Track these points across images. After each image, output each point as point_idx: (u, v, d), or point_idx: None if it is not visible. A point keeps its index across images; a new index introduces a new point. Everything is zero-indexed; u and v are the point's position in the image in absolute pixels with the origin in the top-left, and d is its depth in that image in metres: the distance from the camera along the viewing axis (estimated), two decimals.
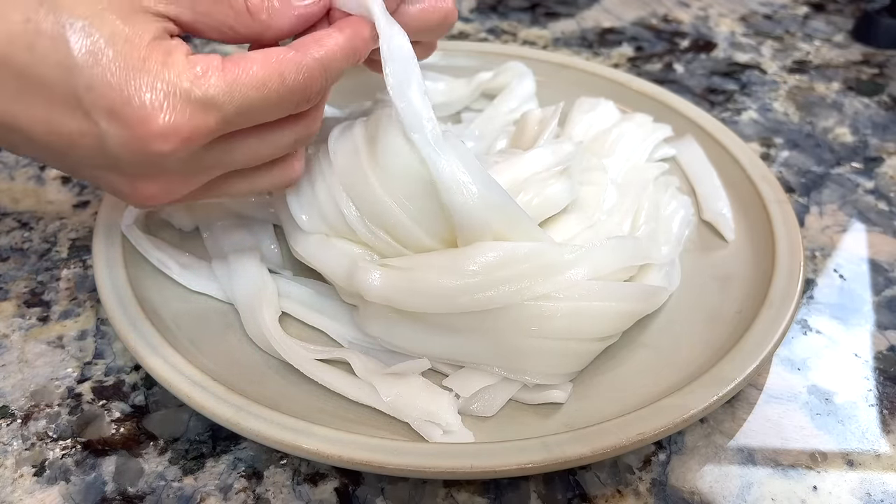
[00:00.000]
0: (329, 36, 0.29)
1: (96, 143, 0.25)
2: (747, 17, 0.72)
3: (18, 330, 0.38)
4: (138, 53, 0.24)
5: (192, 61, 0.25)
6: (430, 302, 0.31)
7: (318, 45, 0.28)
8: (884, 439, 0.33)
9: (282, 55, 0.27)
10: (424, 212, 0.32)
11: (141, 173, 0.27)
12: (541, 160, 0.36)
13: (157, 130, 0.24)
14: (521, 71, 0.51)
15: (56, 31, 0.23)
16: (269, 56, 0.26)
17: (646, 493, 0.31)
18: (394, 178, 0.31)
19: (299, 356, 0.33)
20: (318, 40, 0.28)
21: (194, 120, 0.25)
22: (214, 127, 0.26)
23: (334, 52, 0.28)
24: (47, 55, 0.23)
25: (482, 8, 0.73)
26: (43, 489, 0.31)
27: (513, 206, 0.32)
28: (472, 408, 0.32)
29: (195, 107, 0.25)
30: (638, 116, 0.46)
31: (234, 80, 0.25)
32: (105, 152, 0.25)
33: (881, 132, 0.55)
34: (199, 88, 0.25)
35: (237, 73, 0.26)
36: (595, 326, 0.32)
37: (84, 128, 0.25)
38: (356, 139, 0.33)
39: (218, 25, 0.28)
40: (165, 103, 0.24)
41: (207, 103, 0.25)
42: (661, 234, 0.40)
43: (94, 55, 0.24)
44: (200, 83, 0.25)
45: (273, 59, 0.26)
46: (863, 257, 0.43)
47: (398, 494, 0.31)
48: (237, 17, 0.28)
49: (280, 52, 0.27)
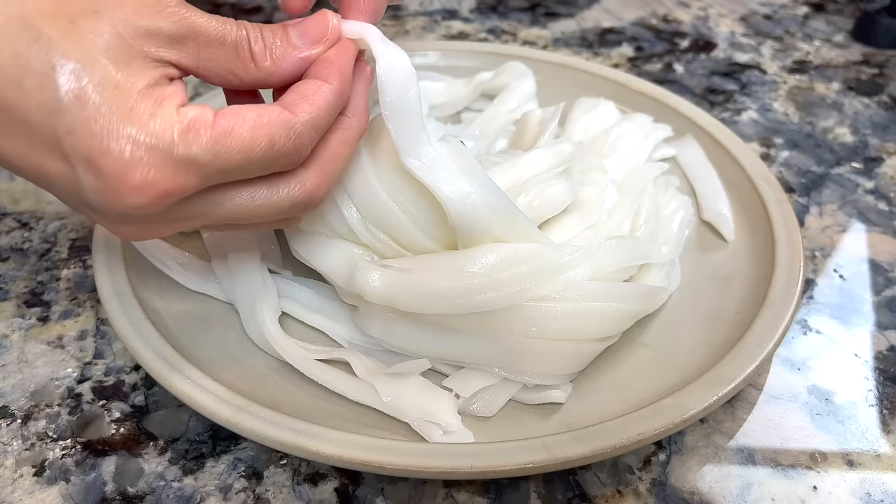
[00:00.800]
0: (318, 92, 0.27)
1: (73, 187, 0.24)
2: (747, 17, 0.72)
3: (18, 330, 0.38)
4: (126, 102, 0.24)
5: (183, 114, 0.24)
6: (430, 303, 0.31)
7: (308, 103, 0.27)
8: (884, 439, 0.33)
9: (274, 117, 0.26)
10: (425, 214, 0.32)
11: (119, 220, 0.26)
12: (541, 161, 0.36)
13: (133, 185, 0.24)
14: (521, 71, 0.51)
15: (44, 71, 0.23)
16: (262, 117, 0.25)
17: (646, 493, 0.31)
18: (395, 179, 0.31)
19: (299, 356, 0.33)
20: (308, 97, 0.27)
21: (174, 178, 0.24)
22: (194, 185, 0.25)
23: (324, 110, 0.27)
24: (32, 94, 0.23)
25: (482, 8, 0.73)
26: (43, 489, 0.31)
27: (512, 209, 0.32)
28: (472, 408, 0.32)
29: (176, 164, 0.24)
30: (638, 116, 0.46)
31: (221, 139, 0.25)
32: (82, 198, 0.25)
33: (881, 132, 0.55)
34: (182, 146, 0.24)
35: (226, 133, 0.25)
36: (595, 327, 0.32)
37: (62, 170, 0.24)
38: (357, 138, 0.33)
39: (222, 72, 0.27)
40: (146, 157, 0.24)
41: (190, 162, 0.24)
42: (661, 235, 0.40)
43: (80, 100, 0.23)
44: (186, 140, 0.24)
45: (265, 121, 0.25)
46: (863, 257, 0.43)
47: (398, 494, 0.31)
48: (242, 64, 0.27)
49: (272, 112, 0.26)
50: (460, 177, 0.31)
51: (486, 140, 0.47)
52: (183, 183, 0.24)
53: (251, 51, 0.27)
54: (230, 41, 0.26)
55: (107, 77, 0.23)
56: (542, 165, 0.36)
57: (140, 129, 0.23)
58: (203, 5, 0.58)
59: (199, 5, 0.27)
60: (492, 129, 0.47)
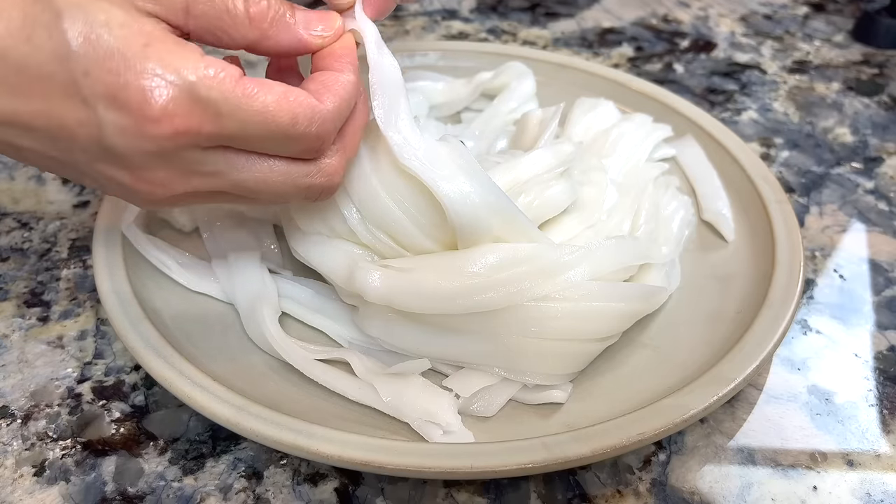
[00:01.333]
0: (339, 82, 0.28)
1: (95, 133, 0.25)
2: (747, 17, 0.72)
3: (18, 330, 0.38)
4: (138, 39, 0.24)
5: (207, 61, 0.25)
6: (430, 303, 0.31)
7: (331, 93, 0.27)
8: (884, 439, 0.33)
9: (302, 98, 0.26)
10: (425, 214, 0.32)
11: (140, 164, 0.26)
12: (541, 161, 0.36)
13: (153, 115, 0.24)
14: (521, 71, 0.51)
15: (51, 21, 0.23)
16: (289, 94, 0.26)
17: (646, 493, 0.31)
18: (396, 180, 0.31)
19: (299, 356, 0.33)
20: (330, 87, 0.28)
21: (191, 115, 0.24)
22: (210, 130, 0.25)
23: (346, 100, 0.28)
24: (43, 45, 0.23)
25: (482, 8, 0.73)
26: (43, 489, 0.31)
27: (512, 209, 0.32)
28: (472, 408, 0.32)
29: (194, 102, 0.24)
30: (638, 116, 0.46)
31: (243, 97, 0.25)
32: (103, 142, 0.25)
33: (881, 132, 0.55)
34: (203, 87, 0.24)
35: (249, 94, 0.25)
36: (595, 327, 0.32)
37: (82, 116, 0.24)
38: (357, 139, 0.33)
39: (212, 29, 0.27)
40: (165, 90, 0.24)
41: (208, 105, 0.24)
42: (661, 234, 0.40)
43: (91, 41, 0.23)
44: (207, 83, 0.24)
45: (291, 99, 0.26)
46: (863, 257, 0.43)
47: (398, 494, 0.31)
48: (233, 22, 0.27)
49: (300, 94, 0.26)
50: (460, 176, 0.31)
51: (486, 140, 0.47)
52: (199, 123, 0.25)
53: (248, 11, 0.27)
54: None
55: (111, 18, 0.24)
56: (542, 166, 0.36)
57: (158, 63, 0.24)
58: None
59: None
60: (492, 129, 0.47)
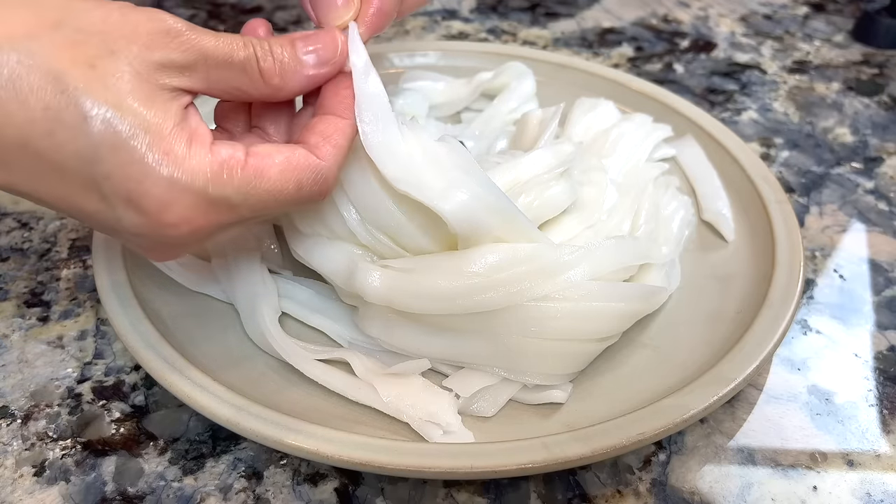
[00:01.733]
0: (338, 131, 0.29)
1: (113, 222, 0.26)
2: (747, 17, 0.72)
3: (18, 330, 0.38)
4: (160, 145, 0.24)
5: (216, 153, 0.26)
6: (430, 303, 0.31)
7: (330, 145, 0.28)
8: (884, 439, 0.33)
9: (302, 161, 0.27)
10: (426, 216, 0.31)
11: (153, 247, 0.28)
12: (541, 162, 0.36)
13: (170, 222, 0.25)
14: (521, 71, 0.51)
15: (76, 122, 0.23)
16: (290, 161, 0.27)
17: (646, 493, 0.31)
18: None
19: (299, 356, 0.33)
20: (330, 138, 0.29)
21: (207, 215, 0.26)
22: (227, 222, 0.27)
23: (345, 148, 0.29)
24: (66, 144, 0.24)
25: (482, 8, 0.73)
26: (43, 489, 0.31)
27: (512, 209, 0.32)
28: (472, 408, 0.32)
29: (210, 203, 0.26)
30: (638, 116, 0.46)
31: (251, 181, 0.26)
32: (120, 229, 0.26)
33: (881, 132, 0.55)
34: (216, 188, 0.25)
35: (256, 174, 0.26)
36: (595, 327, 0.32)
37: (101, 208, 0.25)
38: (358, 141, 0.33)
39: (231, 90, 0.28)
40: (182, 198, 0.25)
41: (222, 202, 0.26)
42: (661, 234, 0.40)
43: (115, 147, 0.24)
44: (219, 181, 0.25)
45: (293, 164, 0.27)
46: (863, 257, 0.43)
47: (398, 494, 0.31)
48: (250, 82, 0.28)
49: (300, 156, 0.27)
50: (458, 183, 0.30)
51: (486, 140, 0.47)
52: (216, 220, 0.26)
53: (260, 69, 0.28)
54: (238, 61, 0.27)
55: (137, 121, 0.24)
56: (542, 166, 0.36)
57: (175, 169, 0.25)
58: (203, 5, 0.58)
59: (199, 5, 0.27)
60: (492, 129, 0.47)
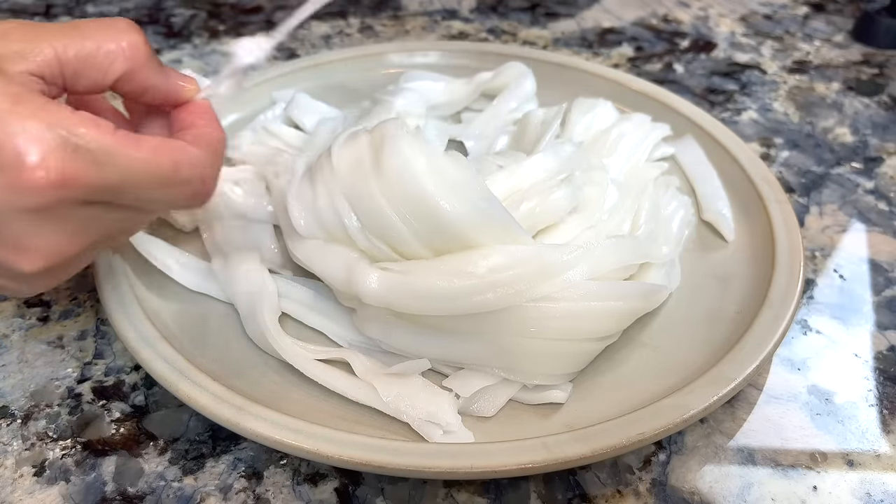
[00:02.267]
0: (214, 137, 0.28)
1: None
2: (747, 17, 0.72)
3: (18, 330, 0.38)
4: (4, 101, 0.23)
5: (80, 115, 0.24)
6: (429, 304, 0.31)
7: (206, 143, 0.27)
8: (884, 439, 0.33)
9: (181, 144, 0.26)
10: (427, 226, 0.31)
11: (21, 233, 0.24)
12: (543, 166, 0.36)
13: (30, 166, 0.23)
14: (521, 71, 0.51)
15: None
16: (168, 141, 0.26)
17: (646, 493, 0.31)
18: (398, 189, 0.31)
19: (299, 356, 0.33)
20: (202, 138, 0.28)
21: (69, 166, 0.23)
22: (90, 182, 0.24)
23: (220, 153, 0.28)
24: None
25: (482, 8, 0.73)
26: (43, 489, 0.31)
27: (509, 222, 0.32)
28: (472, 408, 0.32)
29: (71, 152, 0.23)
30: (636, 116, 0.46)
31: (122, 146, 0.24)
32: None
33: (881, 132, 0.55)
34: (79, 138, 0.23)
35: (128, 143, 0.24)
36: (594, 326, 0.32)
37: None
38: (361, 148, 0.32)
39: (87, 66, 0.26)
40: (40, 145, 0.23)
41: (86, 155, 0.23)
42: (661, 234, 0.40)
43: None
44: (82, 133, 0.23)
45: (171, 146, 0.26)
46: (863, 257, 0.43)
47: (398, 494, 0.31)
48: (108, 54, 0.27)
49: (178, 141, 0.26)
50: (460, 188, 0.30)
51: (486, 140, 0.47)
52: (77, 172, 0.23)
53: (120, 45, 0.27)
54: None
55: None
56: (544, 172, 0.36)
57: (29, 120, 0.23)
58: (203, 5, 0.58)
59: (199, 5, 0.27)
60: (492, 129, 0.47)
